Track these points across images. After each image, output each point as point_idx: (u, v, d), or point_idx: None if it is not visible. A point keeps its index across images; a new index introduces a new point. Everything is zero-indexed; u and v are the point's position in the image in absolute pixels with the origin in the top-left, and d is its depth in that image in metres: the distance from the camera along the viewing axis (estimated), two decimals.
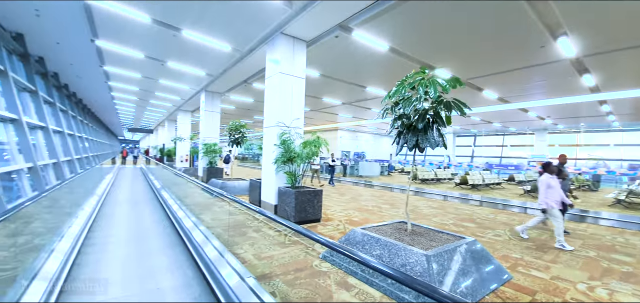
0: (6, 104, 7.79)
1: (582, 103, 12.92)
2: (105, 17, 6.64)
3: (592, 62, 8.11)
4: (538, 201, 5.36)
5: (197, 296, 3.01)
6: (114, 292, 3.12)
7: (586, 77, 9.14)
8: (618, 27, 6.21)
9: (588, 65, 8.34)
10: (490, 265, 3.50)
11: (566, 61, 7.99)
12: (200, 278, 3.35)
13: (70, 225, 5.08)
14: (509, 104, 13.94)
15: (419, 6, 5.65)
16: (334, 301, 2.89)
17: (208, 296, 2.97)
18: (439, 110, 3.48)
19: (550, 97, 12.62)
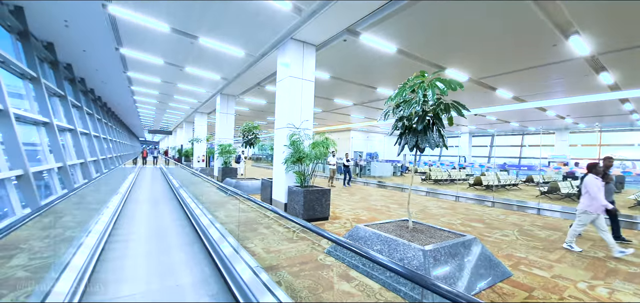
0: (39, 108, 8.48)
1: (603, 101, 12.49)
2: (128, 27, 7.14)
3: (608, 60, 7.91)
4: (579, 204, 4.94)
5: (215, 293, 3.09)
6: (137, 287, 3.30)
7: (603, 75, 8.89)
8: (632, 26, 6.08)
9: (604, 63, 8.13)
10: (489, 262, 3.60)
11: (580, 59, 7.83)
12: (217, 276, 3.50)
13: (96, 221, 5.50)
14: (525, 102, 13.64)
15: (425, 9, 5.76)
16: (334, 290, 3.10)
17: (225, 294, 3.08)
18: (438, 112, 3.61)
19: (568, 96, 12.28)
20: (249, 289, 2.67)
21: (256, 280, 2.83)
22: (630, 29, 6.24)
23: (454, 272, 3.16)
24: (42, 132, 8.64)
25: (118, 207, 7.18)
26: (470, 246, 3.62)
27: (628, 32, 6.38)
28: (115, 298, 3.05)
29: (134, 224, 6.18)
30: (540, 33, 6.53)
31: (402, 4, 5.48)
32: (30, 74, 7.67)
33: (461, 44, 7.45)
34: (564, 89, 11.18)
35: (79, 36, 8.69)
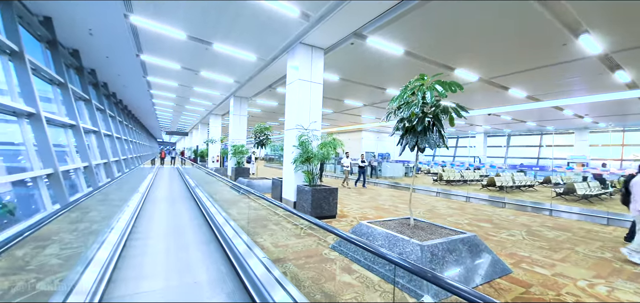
0: (66, 111, 9.10)
1: (624, 100, 12.09)
2: (148, 35, 7.59)
3: (623, 58, 7.75)
4: (631, 208, 4.70)
5: (230, 291, 3.13)
6: (156, 284, 3.38)
7: (619, 73, 8.68)
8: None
9: (619, 61, 7.95)
10: (488, 259, 3.71)
11: (593, 58, 7.70)
12: (233, 273, 3.52)
13: (118, 219, 5.81)
14: (540, 101, 13.37)
15: (430, 11, 5.87)
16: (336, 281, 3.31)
17: (241, 291, 3.12)
18: (438, 114, 3.76)
19: (584, 94, 11.97)
20: (262, 285, 2.76)
21: (269, 276, 2.91)
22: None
23: (450, 266, 3.30)
24: (69, 133, 9.26)
25: (138, 204, 7.62)
26: (470, 243, 3.74)
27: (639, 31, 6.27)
28: (135, 293, 3.19)
29: (153, 222, 6.56)
30: (549, 32, 6.50)
31: (408, 7, 5.62)
32: (58, 80, 8.26)
33: (469, 44, 7.48)
34: (580, 87, 10.93)
35: (103, 44, 9.27)
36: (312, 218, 2.80)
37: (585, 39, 6.63)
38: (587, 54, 7.43)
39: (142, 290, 3.26)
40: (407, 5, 5.56)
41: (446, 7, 5.72)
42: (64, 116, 8.77)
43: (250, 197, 8.02)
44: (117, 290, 3.23)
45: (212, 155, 20.66)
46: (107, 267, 3.58)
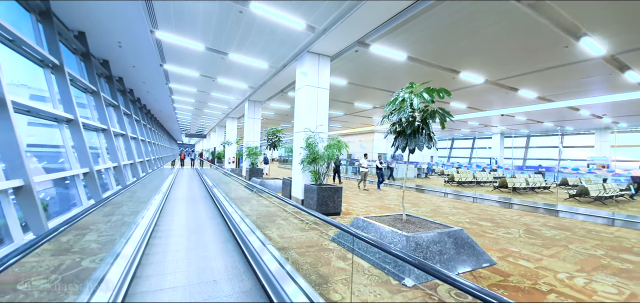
0: (98, 116, 10.05)
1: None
2: (170, 47, 8.35)
3: (631, 58, 7.73)
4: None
5: (248, 290, 3.20)
6: (178, 279, 3.49)
7: (630, 73, 8.61)
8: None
9: (627, 61, 7.94)
10: (473, 251, 4.04)
11: (598, 59, 7.74)
12: (247, 267, 3.78)
13: (142, 216, 6.35)
14: (553, 102, 13.23)
15: (427, 20, 6.22)
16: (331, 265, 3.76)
17: (257, 287, 3.25)
18: (426, 118, 4.14)
19: (599, 94, 11.78)
20: (275, 277, 2.96)
21: (281, 270, 3.09)
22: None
23: (433, 256, 3.68)
24: (101, 137, 10.21)
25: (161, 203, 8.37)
26: (455, 236, 4.09)
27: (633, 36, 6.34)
28: (158, 287, 3.34)
29: (174, 219, 7.23)
30: (548, 36, 6.67)
31: (406, 17, 5.99)
32: (91, 88, 9.18)
33: (470, 49, 7.73)
34: (593, 87, 10.80)
35: (130, 54, 10.17)
36: (314, 212, 3.27)
37: (586, 42, 6.74)
38: (590, 55, 7.50)
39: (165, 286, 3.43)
40: (405, 16, 5.93)
41: (443, 15, 6.04)
42: (96, 121, 9.72)
43: (262, 195, 8.62)
44: (142, 280, 3.54)
45: (228, 157, 21.57)
46: (133, 261, 3.76)
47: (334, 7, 5.68)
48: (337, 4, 5.56)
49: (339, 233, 4.83)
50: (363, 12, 5.64)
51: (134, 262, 3.71)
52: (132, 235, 4.52)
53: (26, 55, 5.93)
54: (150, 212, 6.82)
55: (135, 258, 3.82)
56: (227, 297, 3.04)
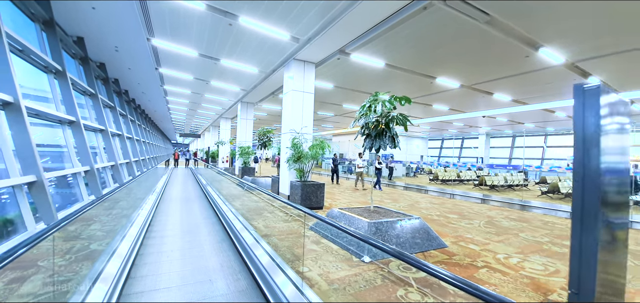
0: (96, 117, 10.56)
1: None
2: (166, 53, 8.93)
3: (589, 65, 8.51)
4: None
5: (244, 289, 3.28)
6: (173, 280, 3.54)
7: (592, 78, 9.43)
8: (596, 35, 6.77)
9: (586, 68, 8.73)
10: (427, 235, 4.74)
11: (560, 66, 8.51)
12: (240, 262, 4.30)
13: (138, 214, 6.81)
14: (528, 105, 14.08)
15: (398, 34, 6.91)
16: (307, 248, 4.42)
17: (250, 282, 3.41)
18: (388, 122, 4.82)
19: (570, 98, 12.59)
20: (266, 270, 3.24)
21: (272, 263, 3.37)
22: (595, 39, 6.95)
23: (390, 239, 4.36)
24: (99, 136, 10.73)
25: (155, 201, 8.95)
26: (413, 223, 4.78)
27: (594, 43, 7.09)
28: (153, 288, 3.40)
29: (168, 219, 7.84)
30: (509, 47, 7.39)
31: (381, 30, 6.66)
32: (90, 91, 9.70)
33: (442, 57, 8.45)
34: (565, 91, 11.56)
35: (126, 58, 10.68)
36: (295, 204, 3.90)
37: (545, 51, 7.50)
38: (551, 63, 8.27)
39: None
40: (380, 29, 6.60)
41: (414, 28, 6.72)
42: (94, 121, 10.23)
43: (252, 192, 9.25)
44: (139, 277, 3.69)
45: (222, 156, 22.11)
46: (129, 255, 4.28)
47: (315, 22, 6.35)
48: (317, 18, 6.22)
49: (317, 223, 5.49)
50: (341, 25, 6.30)
51: (129, 260, 3.82)
52: (128, 233, 4.65)
53: (32, 62, 6.47)
54: (145, 210, 7.39)
55: (130, 256, 3.93)
56: (223, 296, 3.11)
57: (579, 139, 2.28)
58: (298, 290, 2.71)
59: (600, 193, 2.22)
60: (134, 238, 4.56)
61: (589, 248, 2.23)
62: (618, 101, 2.58)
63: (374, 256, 4.00)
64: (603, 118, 2.25)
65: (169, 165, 25.46)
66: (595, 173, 2.22)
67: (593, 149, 2.22)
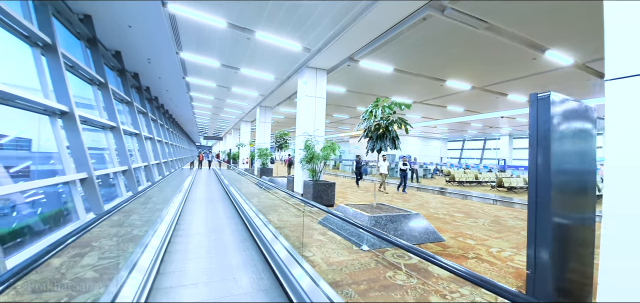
0: (132, 122, 11.73)
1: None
2: (191, 64, 9.85)
3: (601, 66, 8.47)
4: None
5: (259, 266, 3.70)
6: (199, 277, 3.79)
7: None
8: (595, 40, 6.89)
9: (599, 68, 8.68)
10: (425, 230, 5.15)
11: (570, 67, 8.52)
12: (259, 253, 5.42)
13: (167, 212, 7.80)
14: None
15: (405, 41, 7.32)
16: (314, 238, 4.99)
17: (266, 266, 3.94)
18: (388, 126, 5.30)
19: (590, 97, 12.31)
20: (284, 264, 3.46)
21: (289, 257, 3.61)
22: (599, 41, 7.03)
23: (389, 231, 4.83)
24: (134, 140, 11.90)
25: (182, 200, 9.86)
26: (412, 218, 5.21)
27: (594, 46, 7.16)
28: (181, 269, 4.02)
29: (195, 211, 8.69)
30: (513, 50, 7.55)
31: (387, 38, 7.11)
32: (126, 99, 10.81)
33: (448, 62, 8.73)
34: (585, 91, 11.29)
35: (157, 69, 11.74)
36: (305, 199, 4.50)
37: (551, 54, 7.61)
38: (560, 65, 8.32)
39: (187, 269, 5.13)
40: (385, 37, 7.05)
41: (418, 36, 7.12)
42: (129, 125, 11.38)
43: (269, 191, 9.96)
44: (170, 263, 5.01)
45: (242, 158, 23.19)
46: (161, 247, 5.34)
47: (323, 34, 6.92)
48: (325, 31, 6.80)
49: (325, 218, 6.04)
50: (348, 36, 6.83)
51: (159, 255, 4.20)
52: (157, 230, 5.36)
53: (80, 76, 7.50)
54: (173, 208, 8.26)
55: (160, 251, 4.36)
56: (246, 295, 3.26)
57: (533, 140, 2.69)
58: (311, 280, 3.08)
59: (553, 188, 2.62)
60: (163, 236, 5.23)
61: (542, 235, 2.63)
62: (578, 107, 2.94)
63: (372, 246, 4.49)
64: (555, 123, 2.65)
65: (194, 166, 27.01)
66: (547, 171, 2.62)
67: (545, 149, 2.62)
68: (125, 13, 6.83)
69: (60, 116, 5.57)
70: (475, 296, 3.14)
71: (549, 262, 2.59)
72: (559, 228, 2.68)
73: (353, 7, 5.66)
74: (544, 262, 2.61)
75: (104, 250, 4.15)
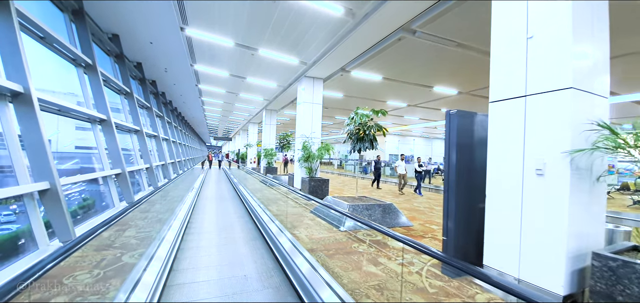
0: (151, 124, 13.11)
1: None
2: (203, 74, 11.13)
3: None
4: None
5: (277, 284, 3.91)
6: (211, 273, 6.09)
7: None
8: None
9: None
10: (396, 216, 6.23)
11: None
12: (266, 246, 6.81)
13: (180, 209, 9.14)
14: None
15: (390, 54, 8.36)
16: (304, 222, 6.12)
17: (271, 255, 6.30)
18: (365, 130, 6.39)
19: None
20: (288, 254, 3.91)
21: (293, 248, 4.08)
22: None
23: (364, 217, 5.92)
24: (152, 141, 13.28)
25: (196, 194, 11.14)
26: (385, 207, 6.29)
27: None
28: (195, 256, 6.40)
29: (206, 209, 9.94)
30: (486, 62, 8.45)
31: (374, 52, 8.15)
32: (147, 105, 12.18)
33: (431, 72, 9.72)
34: None
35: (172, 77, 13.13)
36: (300, 192, 5.63)
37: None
38: None
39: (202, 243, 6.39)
40: (372, 52, 8.11)
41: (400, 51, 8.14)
42: (149, 129, 12.76)
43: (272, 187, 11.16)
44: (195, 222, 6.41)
45: (250, 158, 24.52)
46: (177, 239, 6.81)
47: (316, 51, 8.06)
48: (317, 49, 7.93)
49: (316, 208, 7.17)
50: (337, 52, 7.93)
51: (173, 251, 4.44)
52: (172, 224, 6.49)
53: (111, 88, 8.81)
54: (186, 204, 9.50)
55: (174, 247, 4.61)
56: (255, 289, 3.41)
57: (446, 143, 3.77)
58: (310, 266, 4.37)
59: (458, 177, 3.68)
60: (177, 231, 6.53)
61: (452, 210, 3.70)
62: (480, 119, 3.95)
63: (348, 228, 5.60)
64: (460, 132, 3.71)
65: (204, 166, 28.46)
66: (454, 165, 3.69)
67: (452, 150, 3.69)
68: (148, 32, 7.87)
69: (99, 123, 6.84)
70: (413, 259, 4.21)
71: (455, 231, 3.67)
72: (462, 207, 3.73)
73: (338, 30, 6.77)
74: (452, 231, 3.69)
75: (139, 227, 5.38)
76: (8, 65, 3.83)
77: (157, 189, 6.98)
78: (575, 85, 2.62)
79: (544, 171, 2.73)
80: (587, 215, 2.71)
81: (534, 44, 2.91)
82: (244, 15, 6.44)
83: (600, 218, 2.87)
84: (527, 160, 2.89)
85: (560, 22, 2.70)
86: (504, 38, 3.31)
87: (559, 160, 2.63)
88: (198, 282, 3.56)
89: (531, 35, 2.92)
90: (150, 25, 7.57)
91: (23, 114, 3.88)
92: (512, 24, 3.15)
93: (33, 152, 3.92)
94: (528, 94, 2.93)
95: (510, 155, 3.07)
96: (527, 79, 2.95)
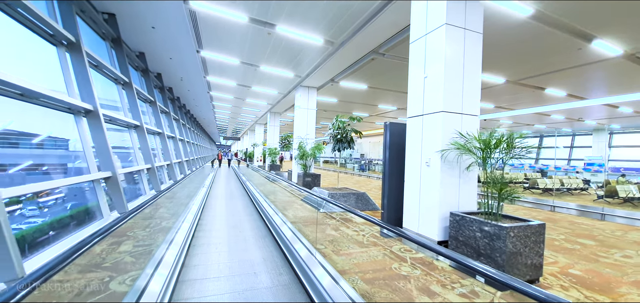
0: (168, 125, 14.96)
1: None
2: (214, 83, 12.91)
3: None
4: None
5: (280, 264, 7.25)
6: (222, 270, 7.89)
7: None
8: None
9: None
10: (367, 202, 7.80)
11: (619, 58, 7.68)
12: (270, 236, 8.52)
13: (193, 203, 10.98)
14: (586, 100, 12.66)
15: (368, 69, 9.91)
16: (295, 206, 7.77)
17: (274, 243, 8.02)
18: (345, 133, 7.98)
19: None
20: (290, 242, 4.50)
21: (294, 236, 4.69)
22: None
23: (339, 202, 7.52)
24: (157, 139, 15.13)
25: (206, 193, 12.93)
26: (358, 195, 7.88)
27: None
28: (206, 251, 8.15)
29: (216, 206, 11.69)
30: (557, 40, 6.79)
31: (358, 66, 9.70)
32: (166, 110, 14.04)
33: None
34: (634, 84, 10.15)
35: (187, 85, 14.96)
36: (294, 184, 7.27)
37: (599, 43, 6.85)
38: (607, 55, 7.57)
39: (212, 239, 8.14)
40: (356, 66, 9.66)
41: (376, 68, 9.66)
42: (167, 129, 14.60)
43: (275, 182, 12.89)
44: (198, 244, 8.14)
45: (257, 156, 26.37)
46: (190, 231, 8.55)
47: (307, 67, 9.70)
48: (307, 65, 9.56)
49: (306, 196, 8.80)
50: (325, 68, 9.54)
51: (185, 246, 4.87)
52: (187, 217, 8.72)
53: (105, 75, 7.15)
54: (198, 199, 11.32)
55: (186, 241, 5.19)
56: (266, 288, 3.40)
57: (383, 145, 5.35)
58: (309, 252, 6.03)
59: (390, 169, 5.26)
60: (190, 225, 8.29)
61: (386, 192, 5.29)
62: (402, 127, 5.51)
63: (327, 210, 7.22)
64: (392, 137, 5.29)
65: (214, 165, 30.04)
66: (387, 161, 5.27)
67: (386, 149, 5.27)
68: (148, 12, 6.80)
69: (85, 115, 5.47)
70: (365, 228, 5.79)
71: (387, 206, 5.27)
72: (394, 189, 5.31)
73: (322, 52, 8.38)
74: (386, 206, 5.29)
75: (167, 207, 7.12)
76: (82, 91, 5.55)
77: (176, 182, 8.72)
78: (445, 109, 4.19)
79: (430, 163, 4.31)
80: (456, 191, 4.28)
81: (427, 82, 4.48)
82: (246, 41, 8.13)
83: (471, 194, 4.43)
84: (423, 156, 4.47)
85: (437, 69, 4.27)
86: (414, 75, 4.88)
87: (436, 156, 4.21)
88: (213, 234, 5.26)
89: (426, 75, 4.49)
90: (169, 46, 9.26)
91: (93, 125, 5.63)
92: (417, 66, 4.72)
93: (100, 151, 5.67)
94: (424, 114, 4.51)
95: (415, 152, 4.65)
96: (424, 104, 4.52)
